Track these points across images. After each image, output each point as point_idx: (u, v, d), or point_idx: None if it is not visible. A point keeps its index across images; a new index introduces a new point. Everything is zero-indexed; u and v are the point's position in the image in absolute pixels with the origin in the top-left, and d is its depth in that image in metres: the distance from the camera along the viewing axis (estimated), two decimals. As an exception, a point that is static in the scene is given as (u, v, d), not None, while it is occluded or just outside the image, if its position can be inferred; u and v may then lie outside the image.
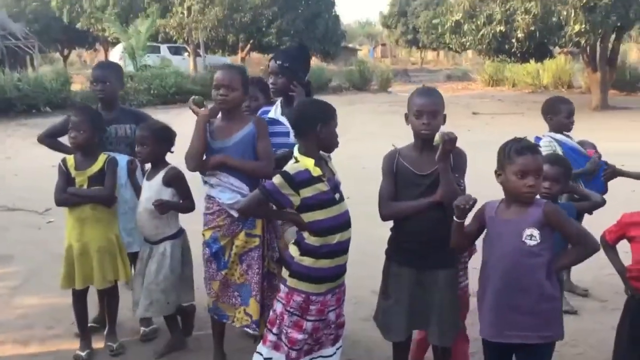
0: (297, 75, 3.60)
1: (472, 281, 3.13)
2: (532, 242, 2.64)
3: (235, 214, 3.30)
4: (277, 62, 3.60)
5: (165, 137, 3.69)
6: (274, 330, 3.01)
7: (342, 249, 2.97)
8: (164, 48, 28.57)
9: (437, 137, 2.85)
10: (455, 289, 3.10)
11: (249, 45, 29.76)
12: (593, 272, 4.55)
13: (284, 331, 2.97)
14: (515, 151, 2.69)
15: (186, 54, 29.53)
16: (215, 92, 3.34)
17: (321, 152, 3.03)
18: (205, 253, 3.41)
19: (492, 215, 2.76)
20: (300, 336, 2.95)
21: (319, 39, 28.41)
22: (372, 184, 3.47)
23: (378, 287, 4.32)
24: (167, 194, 3.59)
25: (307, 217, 2.91)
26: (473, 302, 3.02)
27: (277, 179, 2.88)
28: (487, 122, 12.49)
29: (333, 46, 29.96)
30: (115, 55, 25.62)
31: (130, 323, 4.07)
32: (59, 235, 5.83)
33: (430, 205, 2.93)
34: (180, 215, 3.72)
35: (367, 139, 3.12)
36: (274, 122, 3.58)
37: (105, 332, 3.86)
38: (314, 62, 31.01)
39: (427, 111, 2.95)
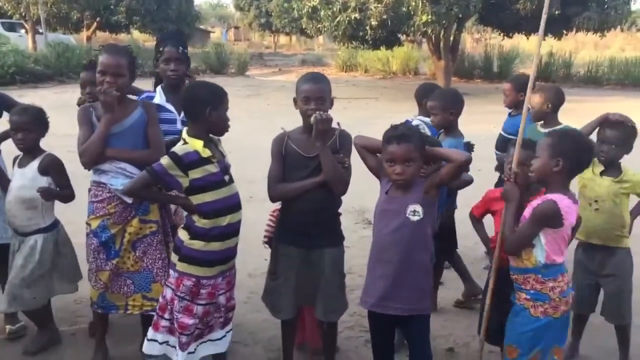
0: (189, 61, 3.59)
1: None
2: (416, 218, 2.84)
3: (129, 200, 3.18)
4: (179, 48, 3.50)
5: (44, 121, 3.47)
6: (166, 315, 3.00)
7: (233, 230, 2.99)
8: (-4, 23, 26.00)
9: (312, 118, 2.97)
10: (340, 267, 3.24)
11: (95, 24, 27.99)
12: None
13: (175, 316, 2.96)
14: (386, 139, 2.88)
15: (23, 30, 27.10)
16: (101, 78, 3.15)
17: (211, 135, 3.02)
18: (92, 243, 3.25)
19: (384, 194, 2.93)
20: (191, 321, 2.95)
21: (172, 19, 27.43)
22: (242, 167, 3.49)
23: (254, 270, 4.41)
24: (43, 183, 3.37)
25: (197, 198, 2.91)
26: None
27: (165, 160, 2.87)
28: (345, 107, 12.92)
29: (187, 27, 29.06)
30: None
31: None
32: None
33: (315, 185, 3.03)
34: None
35: (234, 123, 3.10)
36: (160, 108, 3.48)
37: None
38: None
39: (315, 97, 3.05)
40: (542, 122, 4.21)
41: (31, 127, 3.40)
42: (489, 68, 23.02)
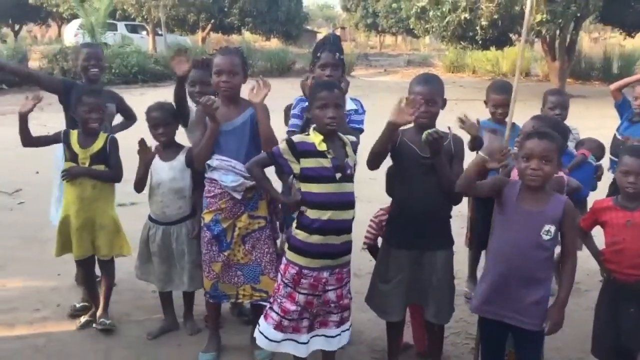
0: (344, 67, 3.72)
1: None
2: (547, 237, 2.76)
3: (238, 196, 3.35)
4: (336, 54, 3.61)
5: (177, 116, 3.77)
6: (275, 307, 3.12)
7: (335, 227, 3.01)
8: (121, 26, 27.79)
9: (423, 135, 2.97)
10: (451, 269, 3.23)
11: (209, 25, 29.29)
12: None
13: (278, 300, 3.10)
14: (526, 135, 2.85)
15: (144, 32, 28.86)
16: (217, 79, 3.34)
17: (346, 136, 3.14)
18: (206, 235, 3.43)
19: (513, 200, 2.85)
20: (292, 307, 3.06)
21: (282, 21, 28.16)
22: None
23: (359, 270, 4.44)
24: (188, 174, 3.69)
25: (305, 187, 3.01)
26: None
27: (282, 144, 3.06)
28: (451, 108, 12.68)
29: (295, 28, 29.79)
30: (70, 32, 24.81)
31: (115, 306, 4.09)
32: (30, 218, 5.82)
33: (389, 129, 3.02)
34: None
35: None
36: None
37: (99, 310, 3.92)
38: (276, 44, 30.80)
39: (426, 99, 3.08)
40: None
41: (171, 121, 3.70)
42: (607, 69, 21.72)
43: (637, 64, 21.99)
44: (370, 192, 3.24)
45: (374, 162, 3.14)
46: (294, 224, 3.07)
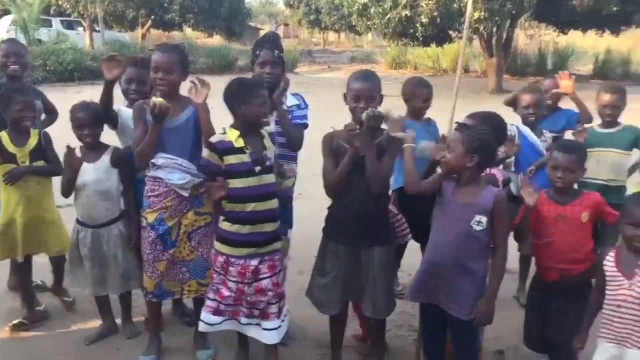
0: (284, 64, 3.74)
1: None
2: (479, 228, 2.82)
3: (186, 194, 3.31)
4: (275, 52, 3.61)
5: (103, 116, 3.63)
6: (210, 295, 3.26)
7: (259, 217, 3.14)
8: (56, 22, 26.82)
9: (364, 115, 3.02)
10: (389, 266, 3.26)
11: (149, 22, 28.65)
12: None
13: (214, 288, 3.22)
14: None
15: (81, 28, 27.96)
16: (154, 75, 3.28)
17: (264, 129, 3.22)
18: (150, 235, 3.37)
19: (450, 194, 2.92)
20: (227, 293, 3.19)
21: (224, 17, 27.82)
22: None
23: (303, 267, 4.45)
24: (115, 174, 3.59)
25: (230, 183, 3.11)
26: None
27: (205, 152, 3.15)
28: (394, 105, 12.87)
29: (238, 25, 29.42)
30: (2, 28, 23.77)
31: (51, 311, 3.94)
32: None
33: (351, 161, 3.06)
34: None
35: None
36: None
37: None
38: (218, 40, 30.41)
39: (365, 95, 3.12)
40: (601, 122, 4.11)
41: (96, 121, 3.56)
42: (542, 65, 22.43)
43: (570, 59, 22.83)
44: (314, 189, 3.25)
45: (335, 189, 3.17)
46: (221, 217, 3.20)
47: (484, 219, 2.81)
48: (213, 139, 3.12)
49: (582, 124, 4.21)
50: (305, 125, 3.72)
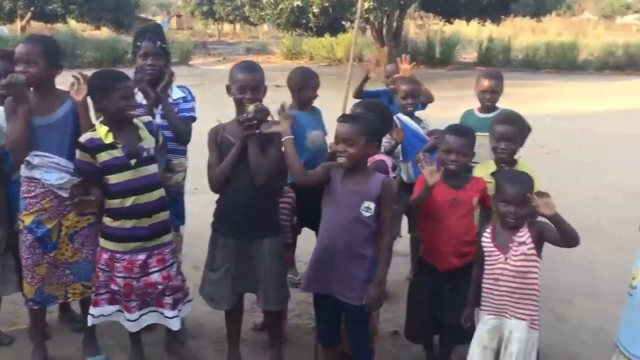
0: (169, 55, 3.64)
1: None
2: (367, 214, 2.87)
3: (65, 194, 3.14)
4: (157, 42, 3.51)
5: None
6: (100, 291, 3.19)
7: (141, 211, 3.09)
8: None
9: (251, 107, 3.01)
10: (280, 257, 3.26)
11: (29, 14, 26.92)
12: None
13: (102, 285, 3.16)
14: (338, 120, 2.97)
15: (-49, 21, 25.85)
16: (17, 68, 3.10)
17: (140, 119, 3.17)
18: (27, 239, 3.19)
19: (338, 182, 2.93)
20: (115, 288, 3.14)
21: (110, 8, 26.65)
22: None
23: (198, 262, 4.37)
24: None
25: (107, 179, 3.05)
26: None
27: (77, 153, 3.03)
28: (290, 95, 12.95)
29: (126, 16, 28.34)
30: None
31: None
32: None
33: (237, 155, 3.06)
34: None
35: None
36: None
37: None
38: (107, 33, 29.11)
39: (251, 86, 3.10)
40: (480, 107, 4.29)
41: None
42: (431, 54, 23.34)
43: (456, 47, 23.90)
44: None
45: (219, 183, 3.14)
46: (104, 213, 3.13)
47: (372, 205, 2.86)
48: (82, 139, 3.03)
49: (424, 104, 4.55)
50: (193, 118, 3.64)
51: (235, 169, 3.08)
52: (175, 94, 3.65)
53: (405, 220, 4.41)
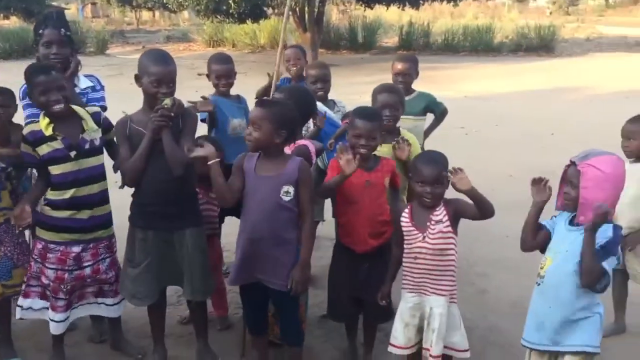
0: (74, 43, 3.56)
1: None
2: (287, 198, 2.87)
3: None
4: (61, 30, 3.38)
5: None
6: (32, 282, 3.18)
7: (80, 203, 3.11)
8: None
9: (168, 100, 2.97)
10: (203, 246, 3.23)
11: None
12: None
13: (33, 277, 3.15)
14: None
15: None
16: None
17: (87, 109, 3.18)
18: None
19: (252, 171, 2.92)
20: (45, 281, 3.14)
21: (19, -4, 25.33)
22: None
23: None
24: None
25: (51, 170, 3.07)
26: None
27: (21, 145, 3.05)
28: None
29: (37, 5, 27.01)
30: None
31: None
32: None
33: (149, 144, 2.99)
34: None
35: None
36: None
37: None
38: (16, 22, 27.64)
39: (167, 80, 3.02)
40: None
41: None
42: (354, 39, 23.51)
43: (378, 32, 24.18)
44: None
45: (134, 176, 3.07)
46: (42, 201, 3.15)
47: (291, 189, 2.87)
48: (24, 131, 3.08)
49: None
50: (104, 108, 3.53)
51: (150, 160, 3.02)
52: (83, 83, 3.55)
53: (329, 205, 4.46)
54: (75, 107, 3.12)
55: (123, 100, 3.28)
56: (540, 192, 2.79)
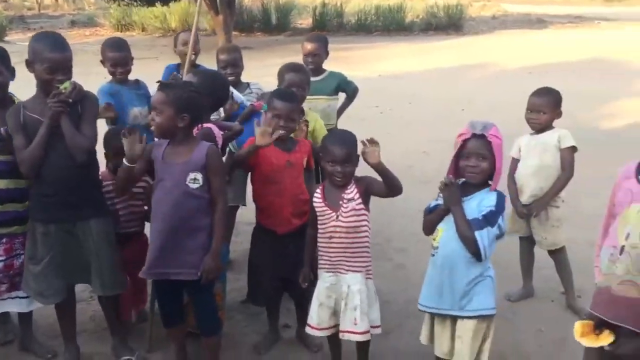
0: None
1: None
2: (195, 185, 2.79)
3: None
4: None
5: None
6: None
7: None
8: None
9: (67, 84, 2.85)
10: (111, 238, 3.11)
11: None
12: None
13: None
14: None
15: None
16: None
17: None
18: None
19: (160, 159, 2.83)
20: None
21: None
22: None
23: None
24: None
25: None
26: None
27: None
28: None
29: None
30: None
31: None
32: None
33: (48, 129, 2.86)
34: None
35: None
36: None
37: None
38: None
39: (63, 67, 2.89)
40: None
41: None
42: (267, 20, 23.28)
43: (292, 13, 24.04)
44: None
45: (33, 166, 2.90)
46: None
47: (199, 176, 2.80)
48: None
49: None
50: None
51: (49, 148, 2.86)
52: None
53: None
54: None
55: (29, 89, 3.08)
56: (453, 195, 2.74)
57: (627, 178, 2.08)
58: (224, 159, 3.30)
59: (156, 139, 2.99)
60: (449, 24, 22.51)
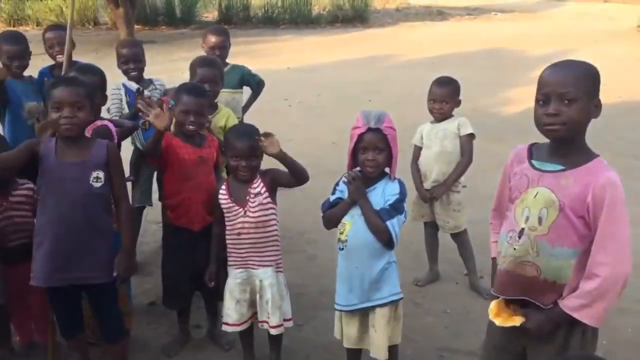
0: None
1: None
2: (98, 184, 2.67)
3: None
4: None
5: None
6: None
7: None
8: None
9: None
10: None
11: None
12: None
13: None
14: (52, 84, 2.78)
15: None
16: None
17: None
18: None
19: (53, 158, 2.63)
20: None
21: None
22: None
23: None
24: None
25: None
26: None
27: None
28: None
29: None
30: None
31: None
32: None
33: None
34: None
35: None
36: None
37: None
38: None
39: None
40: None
41: None
42: (172, 14, 22.68)
43: (197, 6, 23.55)
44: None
45: None
46: None
47: (101, 174, 2.69)
48: None
49: None
50: None
51: None
52: None
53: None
54: None
55: None
56: (359, 189, 2.72)
57: (520, 162, 2.18)
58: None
59: (41, 137, 2.79)
60: (355, 17, 22.83)
